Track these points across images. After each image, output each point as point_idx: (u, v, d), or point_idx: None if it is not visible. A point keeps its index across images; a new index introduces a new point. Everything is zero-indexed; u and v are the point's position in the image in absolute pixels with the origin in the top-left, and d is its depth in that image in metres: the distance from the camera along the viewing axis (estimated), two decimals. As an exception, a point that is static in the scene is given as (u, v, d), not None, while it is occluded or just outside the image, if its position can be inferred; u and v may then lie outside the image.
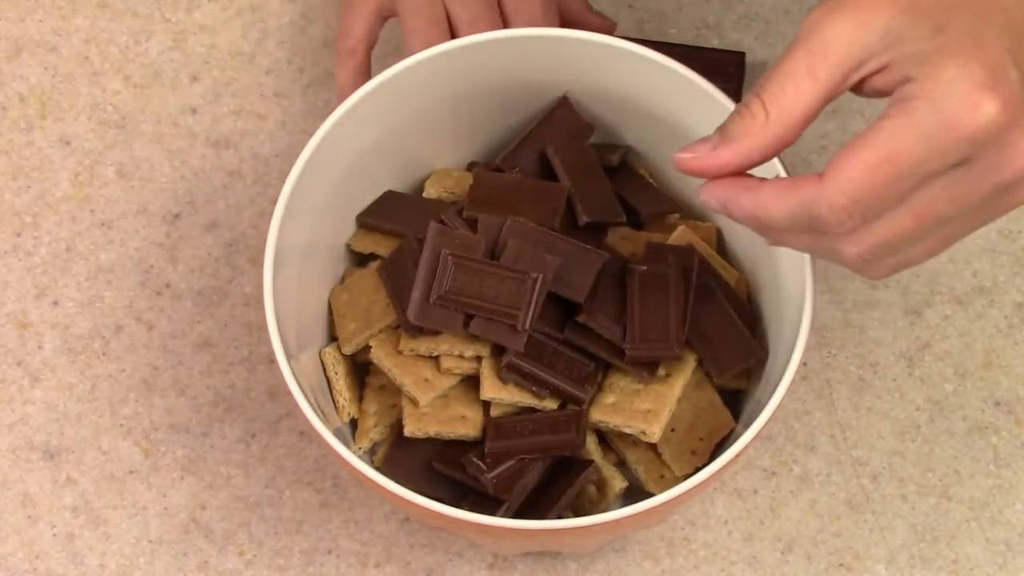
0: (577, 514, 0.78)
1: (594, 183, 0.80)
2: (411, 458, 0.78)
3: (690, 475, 0.73)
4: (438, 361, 0.77)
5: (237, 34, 0.94)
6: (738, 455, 0.71)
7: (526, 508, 0.76)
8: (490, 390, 0.76)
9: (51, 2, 0.95)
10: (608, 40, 0.78)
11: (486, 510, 0.73)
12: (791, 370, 0.72)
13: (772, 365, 0.77)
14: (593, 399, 0.76)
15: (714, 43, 0.93)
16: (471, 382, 0.77)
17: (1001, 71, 0.59)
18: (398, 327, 0.77)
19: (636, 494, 0.75)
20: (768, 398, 0.72)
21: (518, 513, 0.76)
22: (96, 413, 0.86)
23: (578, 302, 0.76)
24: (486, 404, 0.77)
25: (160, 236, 0.89)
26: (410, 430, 0.76)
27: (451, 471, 0.77)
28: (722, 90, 0.76)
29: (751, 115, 0.61)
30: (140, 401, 0.86)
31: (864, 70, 0.61)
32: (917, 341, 0.87)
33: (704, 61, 0.81)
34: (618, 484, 0.78)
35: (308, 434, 0.85)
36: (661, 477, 0.78)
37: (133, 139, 0.91)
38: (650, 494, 0.73)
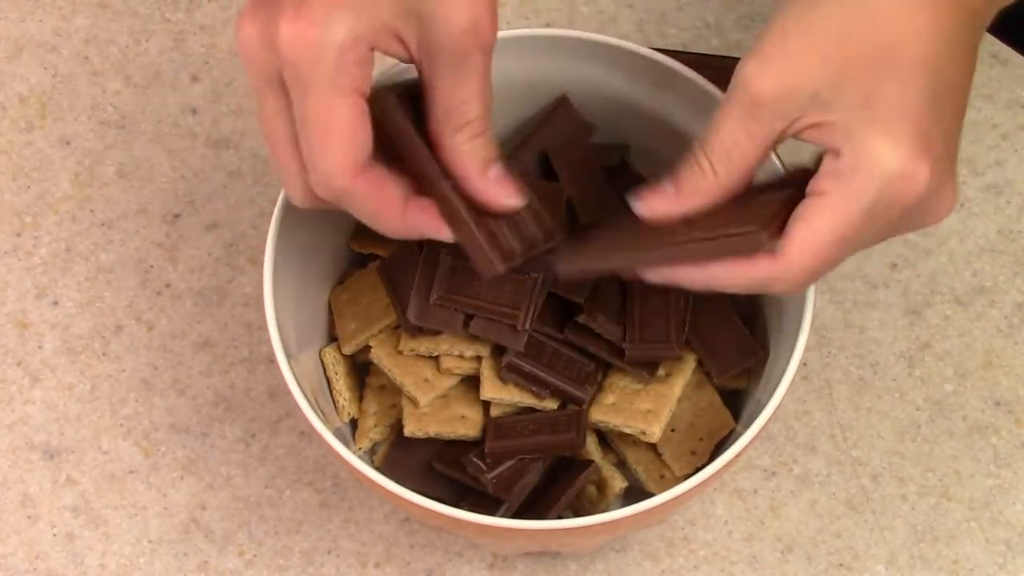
0: (577, 514, 0.78)
1: (594, 183, 0.80)
2: (411, 458, 0.78)
3: (690, 475, 0.73)
4: (438, 361, 0.77)
5: (237, 34, 0.94)
6: (738, 455, 0.71)
7: (526, 508, 0.76)
8: (490, 390, 0.76)
9: (51, 2, 0.95)
10: (608, 40, 0.78)
11: (486, 510, 0.73)
12: (791, 370, 0.72)
13: (772, 365, 0.77)
14: (593, 399, 0.76)
15: (714, 43, 0.93)
16: (471, 382, 0.77)
17: (927, 135, 0.64)
18: (398, 327, 0.77)
19: (636, 494, 0.75)
20: (768, 398, 0.72)
21: (518, 513, 0.76)
22: (96, 413, 0.86)
23: (578, 302, 0.76)
24: (486, 404, 0.77)
25: (160, 236, 0.89)
26: (410, 430, 0.76)
27: (451, 471, 0.77)
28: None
29: (702, 173, 0.66)
30: (140, 401, 0.86)
31: (796, 127, 0.65)
32: (917, 341, 0.87)
33: (703, 68, 0.81)
34: (618, 484, 0.78)
35: (308, 434, 0.85)
36: (661, 477, 0.78)
37: (133, 139, 0.91)
38: (650, 494, 0.73)
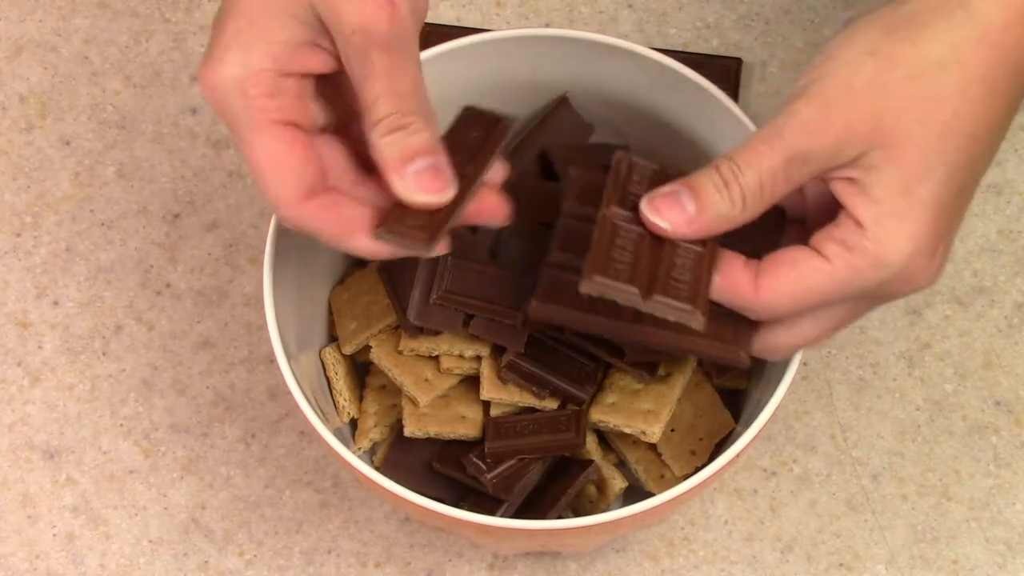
0: (577, 514, 0.78)
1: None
2: (411, 458, 0.78)
3: (690, 475, 0.73)
4: (438, 361, 0.77)
5: (237, 34, 0.94)
6: (738, 455, 0.71)
7: (526, 508, 0.76)
8: (490, 390, 0.76)
9: (51, 2, 0.95)
10: (608, 40, 0.78)
11: (486, 510, 0.73)
12: (791, 370, 0.72)
13: (772, 365, 0.77)
14: (593, 399, 0.76)
15: (714, 43, 0.93)
16: (471, 382, 0.77)
17: (945, 235, 0.65)
18: (398, 327, 0.77)
19: (636, 494, 0.75)
20: (768, 398, 0.72)
21: (518, 513, 0.76)
22: (96, 413, 0.86)
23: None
24: (486, 404, 0.77)
25: (160, 236, 0.89)
26: (410, 430, 0.76)
27: (451, 471, 0.77)
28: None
29: (731, 201, 0.65)
30: (140, 401, 0.86)
31: (831, 175, 0.65)
32: (917, 341, 0.87)
33: (703, 68, 0.81)
34: (618, 484, 0.78)
35: (308, 434, 0.85)
36: (661, 477, 0.78)
37: (133, 139, 0.91)
38: (650, 494, 0.73)
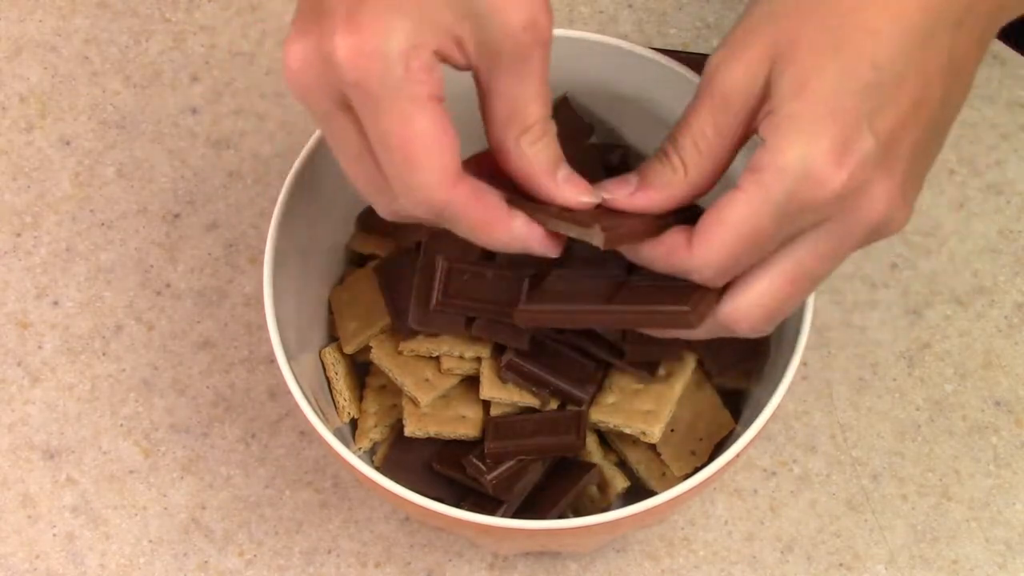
0: (578, 514, 0.78)
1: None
2: (411, 458, 0.78)
3: (690, 475, 0.73)
4: (438, 361, 0.77)
5: (237, 34, 0.94)
6: (738, 455, 0.71)
7: (526, 508, 0.76)
8: (489, 390, 0.76)
9: (51, 2, 0.95)
10: (608, 40, 0.78)
11: (486, 510, 0.73)
12: (791, 370, 0.72)
13: (772, 365, 0.77)
14: (593, 399, 0.76)
15: (714, 43, 0.93)
16: (471, 382, 0.77)
17: (852, 140, 0.62)
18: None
19: (636, 494, 0.75)
20: (768, 398, 0.72)
21: (518, 513, 0.76)
22: (96, 413, 0.86)
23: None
24: (486, 404, 0.77)
25: (160, 236, 0.89)
26: (410, 430, 0.76)
27: (451, 471, 0.77)
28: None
29: (672, 169, 0.65)
30: (140, 401, 0.86)
31: (758, 119, 0.64)
32: (917, 341, 0.87)
33: (701, 68, 0.81)
34: (619, 484, 0.78)
35: (308, 434, 0.85)
36: (662, 475, 0.78)
37: (133, 139, 0.91)
38: (651, 493, 0.73)
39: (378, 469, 0.75)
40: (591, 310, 0.68)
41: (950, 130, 0.66)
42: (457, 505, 0.72)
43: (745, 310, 0.66)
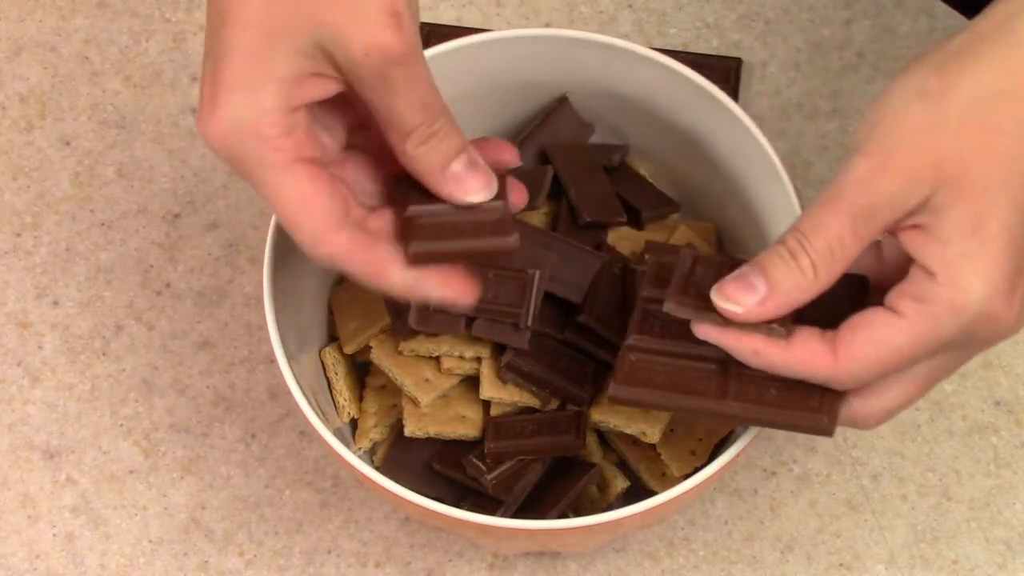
0: (578, 514, 0.78)
1: (594, 183, 0.80)
2: (411, 458, 0.78)
3: (690, 475, 0.73)
4: (438, 361, 0.77)
5: (237, 34, 0.93)
6: (738, 455, 0.71)
7: (526, 508, 0.76)
8: (489, 389, 0.76)
9: (51, 2, 0.95)
10: (608, 40, 0.78)
11: (486, 510, 0.73)
12: (791, 370, 0.72)
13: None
14: (593, 399, 0.76)
15: (714, 43, 0.93)
16: (471, 382, 0.77)
17: (1019, 275, 0.62)
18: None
19: (636, 494, 0.75)
20: (768, 398, 0.72)
21: (518, 513, 0.76)
22: (96, 413, 0.86)
23: (577, 303, 0.76)
24: (486, 404, 0.77)
25: (160, 236, 0.89)
26: (411, 430, 0.76)
27: (451, 471, 0.77)
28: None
29: (800, 272, 0.62)
30: (140, 401, 0.86)
31: (900, 225, 0.63)
32: (917, 341, 0.87)
33: (703, 68, 0.81)
34: (620, 484, 0.78)
35: (308, 434, 0.85)
36: (662, 475, 0.78)
37: (133, 139, 0.91)
38: (651, 493, 0.73)
39: (378, 469, 0.75)
40: (707, 408, 0.66)
41: None
42: (457, 505, 0.72)
43: (877, 413, 0.66)
